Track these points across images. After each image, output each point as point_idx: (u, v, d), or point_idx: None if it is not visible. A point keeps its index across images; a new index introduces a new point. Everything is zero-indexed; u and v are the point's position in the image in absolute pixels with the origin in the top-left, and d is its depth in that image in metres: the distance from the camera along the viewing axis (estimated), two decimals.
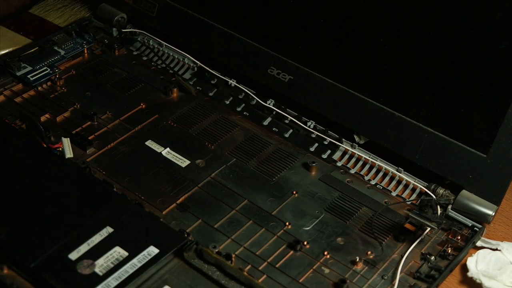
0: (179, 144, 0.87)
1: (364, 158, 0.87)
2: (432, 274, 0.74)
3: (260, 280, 0.72)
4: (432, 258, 0.75)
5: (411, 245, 0.76)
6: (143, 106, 0.92)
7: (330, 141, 0.88)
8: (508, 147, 0.77)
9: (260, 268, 0.73)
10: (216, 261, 0.71)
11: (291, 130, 0.90)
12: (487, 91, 0.78)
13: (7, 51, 1.00)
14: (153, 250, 0.71)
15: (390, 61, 0.84)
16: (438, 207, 0.80)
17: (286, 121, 0.91)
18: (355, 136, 0.88)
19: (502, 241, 0.78)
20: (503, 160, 0.78)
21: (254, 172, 0.84)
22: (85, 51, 0.99)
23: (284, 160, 0.86)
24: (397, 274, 0.73)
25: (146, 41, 1.02)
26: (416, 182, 0.84)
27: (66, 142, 0.83)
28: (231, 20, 0.95)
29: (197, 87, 0.96)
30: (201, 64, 0.98)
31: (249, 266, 0.73)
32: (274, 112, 0.92)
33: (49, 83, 0.94)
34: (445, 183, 0.82)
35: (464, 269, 0.76)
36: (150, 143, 0.86)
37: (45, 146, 0.81)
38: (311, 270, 0.74)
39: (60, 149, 0.82)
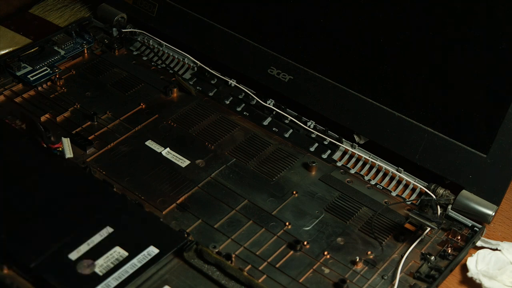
0: (179, 144, 0.87)
1: (364, 158, 0.87)
2: (432, 274, 0.74)
3: (260, 280, 0.72)
4: (432, 258, 0.75)
5: (411, 245, 0.76)
6: (143, 106, 0.92)
7: (330, 141, 0.89)
8: (508, 147, 0.77)
9: (260, 268, 0.73)
10: (216, 261, 0.71)
11: (291, 130, 0.90)
12: (487, 91, 0.78)
13: (7, 51, 1.00)
14: (153, 250, 0.71)
15: (390, 61, 0.84)
16: (438, 207, 0.80)
17: (286, 121, 0.91)
18: (355, 136, 0.88)
19: (502, 241, 0.78)
20: (503, 160, 0.78)
21: (254, 172, 0.84)
22: (85, 51, 0.99)
23: (284, 160, 0.86)
24: (397, 274, 0.73)
25: (146, 41, 1.02)
26: (416, 182, 0.84)
27: (66, 142, 0.83)
28: (231, 20, 0.95)
29: (197, 87, 0.96)
30: (201, 64, 0.98)
31: (249, 266, 0.73)
32: (274, 112, 0.92)
33: (49, 83, 0.94)
34: (445, 183, 0.82)
35: (464, 269, 0.76)
36: (150, 143, 0.86)
37: (45, 146, 0.81)
38: (311, 270, 0.74)
39: (60, 149, 0.82)
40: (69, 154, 0.83)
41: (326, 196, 0.82)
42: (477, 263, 0.75)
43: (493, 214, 0.79)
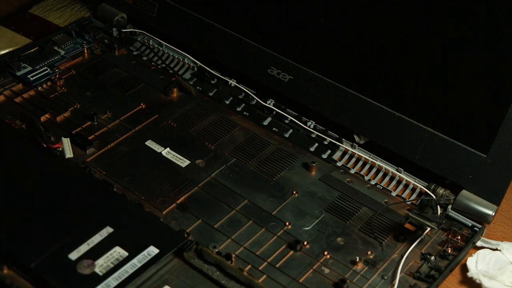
0: (179, 144, 0.87)
1: (364, 158, 0.87)
2: (432, 274, 0.74)
3: (260, 280, 0.72)
4: (432, 258, 0.75)
5: (411, 245, 0.76)
6: (143, 106, 0.92)
7: (330, 141, 0.89)
8: (508, 147, 0.77)
9: (260, 268, 0.73)
10: (216, 261, 0.71)
11: (291, 130, 0.90)
12: (487, 91, 0.78)
13: (7, 51, 1.00)
14: (153, 250, 0.71)
15: (390, 61, 0.84)
16: (438, 207, 0.80)
17: (286, 121, 0.91)
18: (355, 136, 0.88)
19: (502, 241, 0.78)
20: (503, 160, 0.78)
21: (254, 172, 0.84)
22: (85, 51, 0.99)
23: (284, 160, 0.86)
24: (397, 274, 0.73)
25: (146, 41, 1.02)
26: (416, 182, 0.84)
27: (66, 142, 0.83)
28: (231, 20, 0.95)
29: (197, 87, 0.96)
30: (201, 64, 0.98)
31: (249, 266, 0.73)
32: (274, 112, 0.92)
33: (49, 83, 0.94)
34: (445, 183, 0.82)
35: (464, 269, 0.76)
36: (150, 143, 0.86)
37: (45, 146, 0.81)
38: (311, 270, 0.74)
39: (60, 149, 0.82)
40: (69, 154, 0.83)
41: (326, 196, 0.82)
42: (477, 263, 0.75)
43: (493, 214, 0.79)
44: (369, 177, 0.85)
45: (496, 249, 0.77)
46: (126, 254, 0.70)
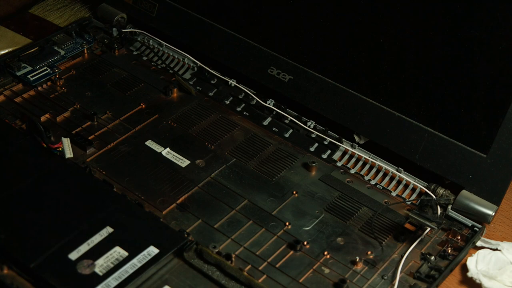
0: (179, 144, 0.87)
1: (364, 158, 0.87)
2: (432, 274, 0.74)
3: (260, 280, 0.72)
4: (432, 258, 0.75)
5: (411, 245, 0.76)
6: (143, 106, 0.92)
7: (330, 141, 0.89)
8: (508, 147, 0.77)
9: (260, 268, 0.73)
10: (216, 261, 0.71)
11: (291, 130, 0.90)
12: (487, 91, 0.78)
13: (7, 51, 1.00)
14: (153, 250, 0.71)
15: (390, 61, 0.84)
16: (438, 207, 0.80)
17: (286, 121, 0.91)
18: (355, 136, 0.88)
19: (502, 241, 0.78)
20: (503, 160, 0.78)
21: (254, 172, 0.84)
22: (85, 51, 0.99)
23: (284, 160, 0.86)
24: (397, 274, 0.73)
25: (146, 41, 1.02)
26: (416, 182, 0.84)
27: (66, 142, 0.83)
28: (231, 20, 0.95)
29: (197, 87, 0.96)
30: (201, 64, 0.98)
31: (249, 266, 0.73)
32: (274, 112, 0.92)
33: (49, 83, 0.94)
34: (445, 183, 0.82)
35: (464, 269, 0.76)
36: (150, 143, 0.86)
37: (45, 146, 0.81)
38: (311, 270, 0.74)
39: (60, 149, 0.82)
40: (69, 154, 0.82)
41: (326, 196, 0.82)
42: (477, 263, 0.75)
43: (493, 214, 0.79)
44: (369, 177, 0.85)
45: (496, 249, 0.77)
46: (126, 254, 0.70)
